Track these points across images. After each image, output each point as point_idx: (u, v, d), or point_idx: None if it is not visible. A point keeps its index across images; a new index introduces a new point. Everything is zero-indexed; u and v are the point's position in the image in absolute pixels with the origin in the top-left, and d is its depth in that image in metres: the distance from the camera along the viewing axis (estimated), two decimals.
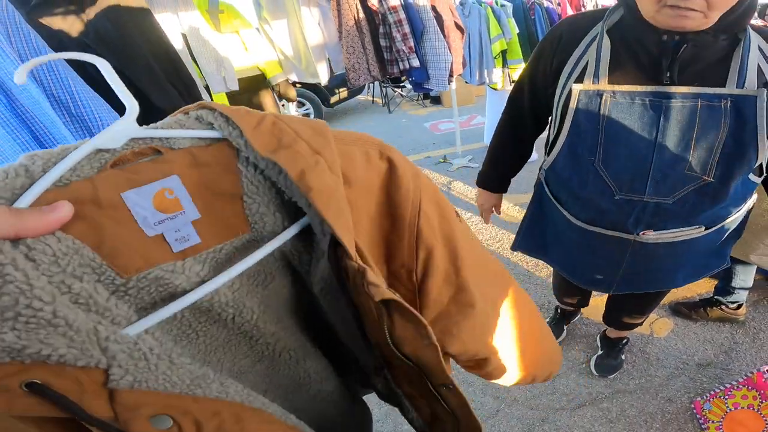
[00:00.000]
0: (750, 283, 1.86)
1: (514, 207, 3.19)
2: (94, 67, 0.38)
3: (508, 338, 0.61)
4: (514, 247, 1.44)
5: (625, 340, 1.86)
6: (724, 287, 1.92)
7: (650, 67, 0.91)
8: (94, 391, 0.31)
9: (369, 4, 2.72)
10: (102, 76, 0.37)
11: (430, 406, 0.54)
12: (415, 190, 0.47)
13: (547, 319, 2.08)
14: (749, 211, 1.11)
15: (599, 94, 0.93)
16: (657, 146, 0.93)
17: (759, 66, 0.88)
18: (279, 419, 0.43)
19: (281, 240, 0.42)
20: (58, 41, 1.12)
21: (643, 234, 1.07)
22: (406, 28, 2.73)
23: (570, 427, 1.65)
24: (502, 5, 3.56)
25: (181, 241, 0.38)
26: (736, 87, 0.87)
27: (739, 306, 1.95)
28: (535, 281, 2.43)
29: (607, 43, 0.94)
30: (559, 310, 2.05)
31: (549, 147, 1.13)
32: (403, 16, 2.70)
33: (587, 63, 0.96)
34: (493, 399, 1.80)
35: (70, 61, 0.93)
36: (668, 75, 0.89)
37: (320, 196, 0.38)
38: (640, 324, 1.66)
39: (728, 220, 1.08)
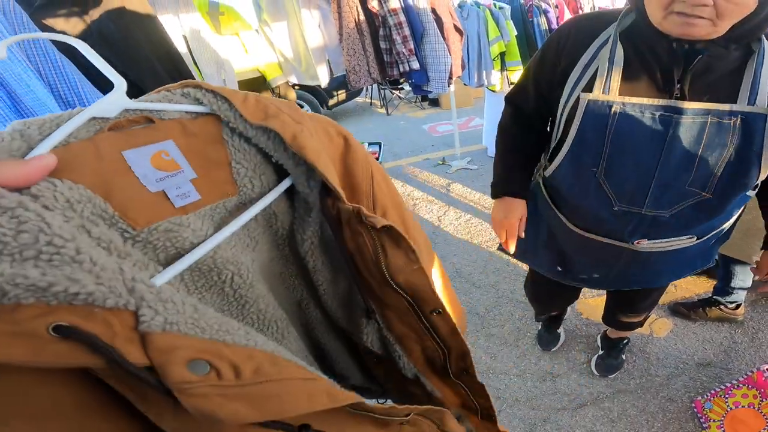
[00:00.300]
0: (749, 284, 1.88)
1: None
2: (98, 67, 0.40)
3: (444, 296, 0.67)
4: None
5: (625, 340, 1.87)
6: (723, 287, 1.93)
7: (661, 77, 0.88)
8: (125, 336, 0.29)
9: (369, 7, 2.73)
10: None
11: (421, 343, 0.58)
12: (366, 162, 0.55)
13: (539, 328, 2.05)
14: (739, 217, 1.11)
15: (608, 105, 0.90)
16: (661, 161, 0.91)
17: None
18: (314, 372, 0.41)
19: (271, 197, 0.47)
20: (61, 43, 1.12)
21: (638, 243, 1.08)
22: (406, 31, 2.75)
23: (572, 426, 1.66)
24: (500, 8, 3.58)
25: (182, 197, 0.40)
26: (748, 103, 0.85)
27: (738, 306, 1.96)
28: None
29: (620, 50, 0.90)
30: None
31: (550, 154, 1.11)
32: (403, 18, 2.71)
33: (596, 70, 0.92)
34: (495, 399, 1.80)
35: (75, 62, 0.94)
36: (679, 87, 0.86)
37: (312, 153, 0.45)
38: (640, 324, 1.67)
39: (719, 229, 1.09)
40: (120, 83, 0.38)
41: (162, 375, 0.29)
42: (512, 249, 1.23)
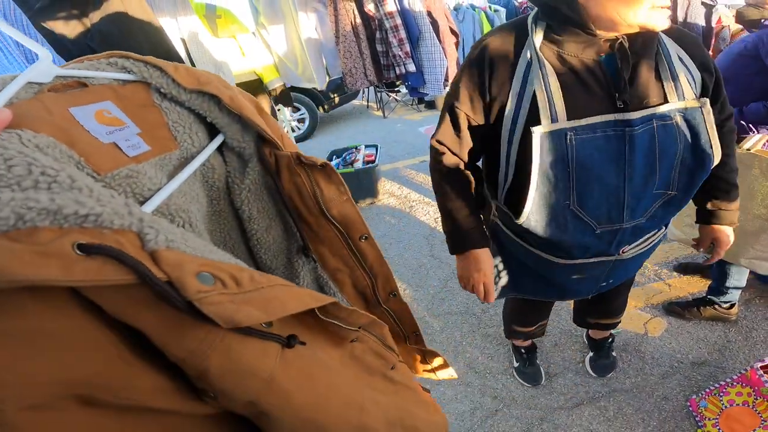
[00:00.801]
0: (743, 283, 1.89)
1: None
2: None
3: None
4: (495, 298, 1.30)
5: (610, 339, 1.86)
6: (718, 287, 1.95)
7: (599, 89, 0.87)
8: (137, 255, 0.29)
9: (366, 10, 2.75)
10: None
11: (351, 275, 0.66)
12: (276, 124, 0.61)
13: (517, 364, 1.91)
14: None
15: (563, 134, 0.86)
16: (627, 175, 0.90)
17: (687, 79, 0.89)
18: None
19: (210, 150, 0.52)
20: (60, 44, 1.13)
21: (623, 252, 1.10)
22: (403, 34, 2.77)
23: (568, 425, 1.67)
24: (496, 10, 3.62)
25: (133, 147, 0.43)
26: (679, 100, 0.87)
27: (732, 306, 1.98)
28: None
29: (550, 70, 0.86)
30: (523, 350, 1.90)
31: (506, 197, 1.04)
32: (399, 21, 2.74)
33: (533, 97, 0.87)
34: (492, 399, 1.81)
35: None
36: (619, 97, 0.86)
37: (249, 112, 0.52)
38: (618, 322, 1.68)
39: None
40: (45, 54, 0.39)
41: (181, 288, 0.30)
42: (493, 299, 1.11)
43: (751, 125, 1.63)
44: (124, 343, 0.32)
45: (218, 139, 0.54)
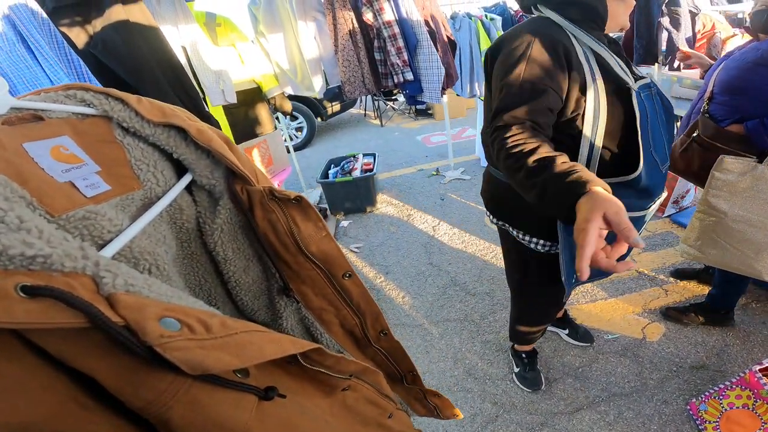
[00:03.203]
0: (744, 290, 1.91)
1: None
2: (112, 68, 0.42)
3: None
4: (569, 289, 1.29)
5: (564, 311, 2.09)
6: (719, 294, 1.96)
7: (618, 64, 1.11)
8: (91, 298, 0.27)
9: (364, 19, 2.78)
10: (122, 78, 0.40)
11: (338, 315, 0.63)
12: (248, 159, 0.59)
13: (517, 369, 1.93)
14: None
15: (638, 92, 1.07)
16: (662, 123, 1.15)
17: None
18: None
19: (178, 189, 0.49)
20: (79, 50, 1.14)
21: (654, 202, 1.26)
22: (401, 42, 2.80)
23: (569, 430, 1.66)
24: (492, 19, 3.66)
25: (91, 187, 0.40)
26: (640, 78, 1.13)
27: (729, 310, 1.99)
28: None
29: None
30: (524, 355, 1.92)
31: (599, 166, 1.09)
32: (397, 30, 2.76)
33: (602, 70, 1.04)
34: (492, 405, 1.81)
35: (90, 64, 0.96)
36: (631, 72, 1.11)
37: (218, 145, 0.49)
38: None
39: None
40: (1, 83, 0.37)
41: (141, 332, 0.28)
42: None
43: None
44: (80, 385, 0.30)
45: (186, 178, 0.51)
